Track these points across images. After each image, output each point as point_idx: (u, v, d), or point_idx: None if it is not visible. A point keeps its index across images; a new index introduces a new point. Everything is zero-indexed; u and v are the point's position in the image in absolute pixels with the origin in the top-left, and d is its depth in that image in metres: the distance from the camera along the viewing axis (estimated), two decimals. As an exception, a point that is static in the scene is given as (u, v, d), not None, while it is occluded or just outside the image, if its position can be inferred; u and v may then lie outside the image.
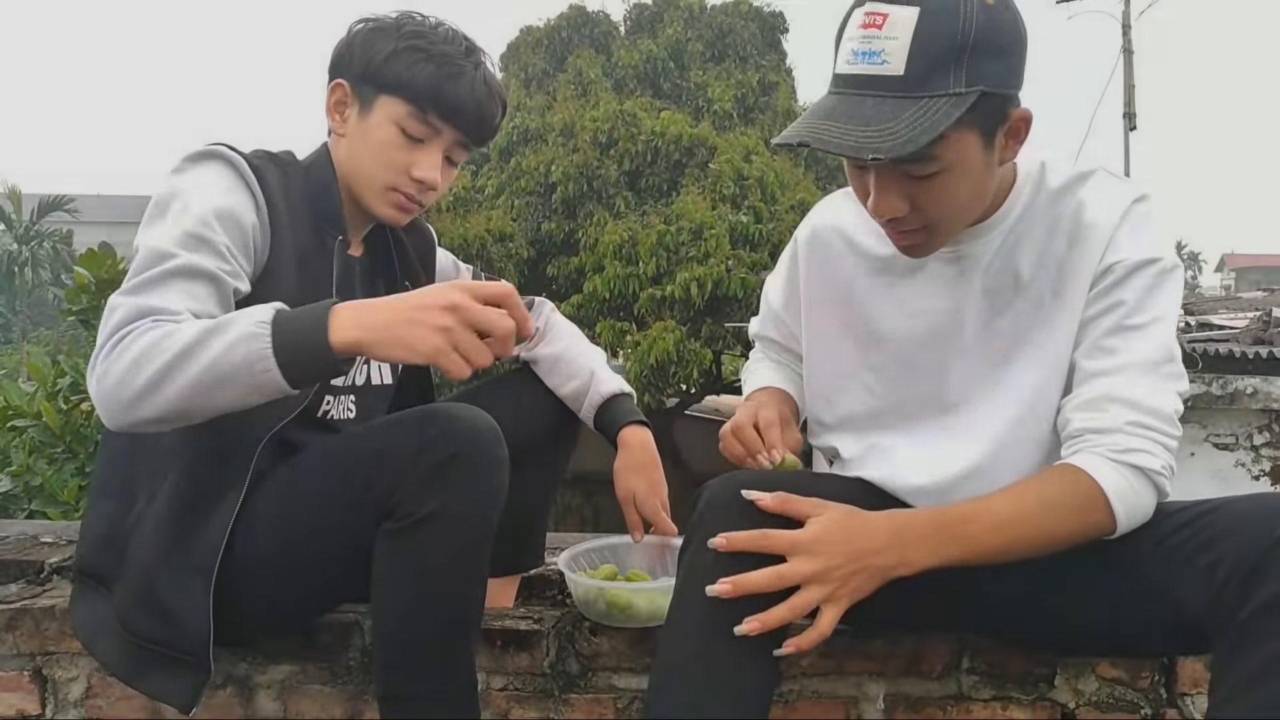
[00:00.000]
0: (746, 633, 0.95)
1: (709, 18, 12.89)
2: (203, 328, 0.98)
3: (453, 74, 1.23)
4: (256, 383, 0.97)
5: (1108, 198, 1.09)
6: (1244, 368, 5.63)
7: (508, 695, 1.36)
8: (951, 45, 0.94)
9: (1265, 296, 9.97)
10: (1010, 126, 1.02)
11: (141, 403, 0.98)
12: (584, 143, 11.04)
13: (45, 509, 2.51)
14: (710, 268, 9.65)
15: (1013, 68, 0.99)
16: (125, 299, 1.03)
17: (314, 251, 1.24)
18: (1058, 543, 1.02)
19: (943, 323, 1.16)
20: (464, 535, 1.08)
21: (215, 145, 1.18)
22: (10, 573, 1.55)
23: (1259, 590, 0.89)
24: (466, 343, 0.97)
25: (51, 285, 26.42)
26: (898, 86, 0.95)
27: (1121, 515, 1.01)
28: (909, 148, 0.92)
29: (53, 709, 1.40)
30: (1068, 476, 1.02)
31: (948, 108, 0.94)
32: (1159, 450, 1.02)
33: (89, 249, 2.74)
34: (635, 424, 1.46)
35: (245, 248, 1.14)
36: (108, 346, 1.00)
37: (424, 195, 1.27)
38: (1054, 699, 1.30)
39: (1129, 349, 1.05)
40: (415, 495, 1.06)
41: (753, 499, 1.01)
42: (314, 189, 1.26)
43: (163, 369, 0.97)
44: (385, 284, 1.38)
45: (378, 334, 0.97)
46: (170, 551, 1.13)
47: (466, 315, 0.97)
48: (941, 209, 1.03)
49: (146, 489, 1.17)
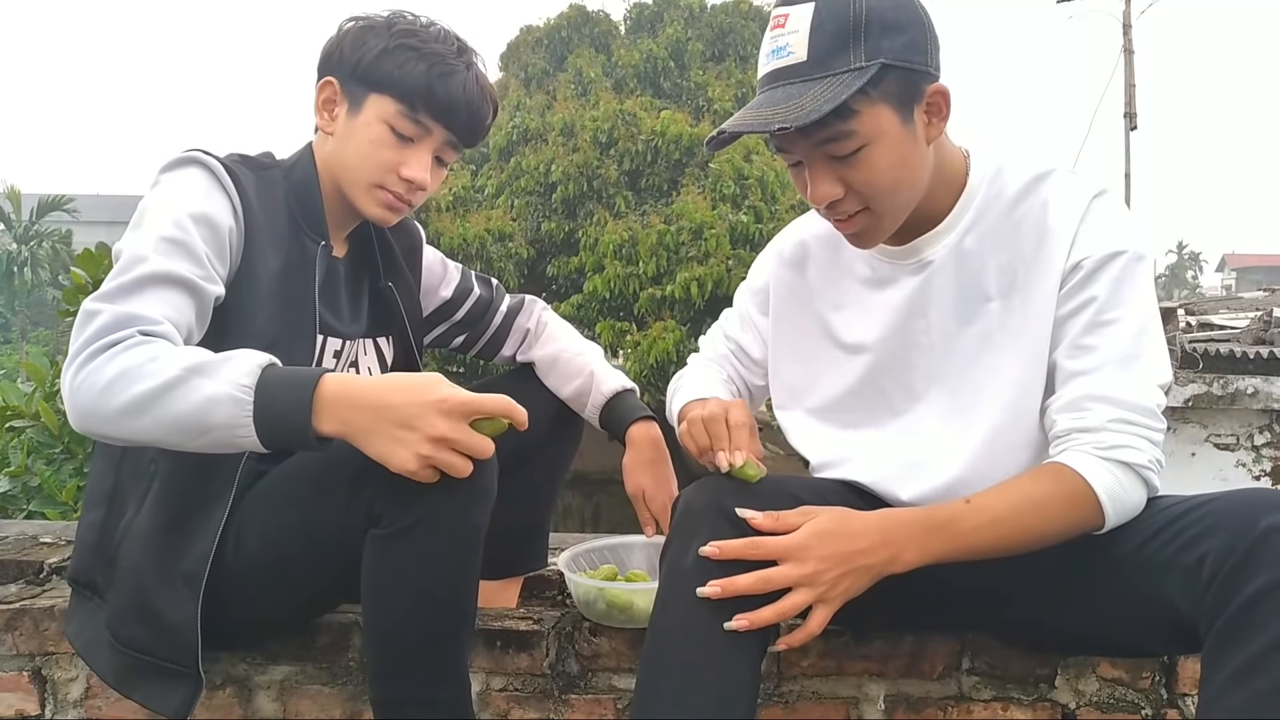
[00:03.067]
0: (735, 629, 0.97)
1: (709, 17, 12.90)
2: (186, 365, 0.96)
3: (444, 73, 1.21)
4: (232, 443, 0.98)
5: (1068, 195, 1.10)
6: (1245, 368, 5.64)
7: (508, 696, 1.35)
8: (845, 26, 1.01)
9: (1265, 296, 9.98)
10: (928, 103, 1.06)
11: (119, 421, 0.97)
12: (584, 142, 11.05)
13: (44, 509, 2.50)
14: (710, 267, 9.67)
15: (915, 43, 1.03)
16: (105, 304, 1.01)
17: (295, 256, 1.22)
18: (1047, 539, 1.03)
19: (914, 332, 1.17)
20: (452, 540, 1.07)
21: (191, 151, 1.16)
22: (10, 573, 1.55)
23: (1243, 586, 0.89)
24: (446, 462, 0.98)
25: (51, 285, 26.41)
26: (803, 71, 1.03)
27: (1110, 511, 1.02)
28: (813, 116, 0.98)
29: (52, 709, 1.40)
30: (1056, 474, 1.04)
31: (848, 79, 1.00)
32: (1144, 445, 1.03)
33: (86, 249, 2.73)
34: (642, 420, 1.45)
35: (221, 252, 1.12)
36: (89, 352, 0.98)
37: (413, 195, 1.25)
38: (1054, 699, 1.29)
39: (1106, 345, 1.06)
40: (402, 501, 1.04)
41: (745, 517, 1.02)
42: (296, 191, 1.24)
43: (143, 398, 0.96)
44: (369, 283, 1.36)
45: (361, 437, 0.98)
46: (159, 563, 1.13)
47: (452, 443, 0.97)
48: (872, 185, 1.06)
49: (134, 499, 1.16)
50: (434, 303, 1.50)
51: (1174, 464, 5.83)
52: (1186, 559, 0.96)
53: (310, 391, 0.97)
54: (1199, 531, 0.97)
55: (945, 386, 1.16)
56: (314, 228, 1.25)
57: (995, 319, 1.13)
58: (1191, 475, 5.86)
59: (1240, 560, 0.90)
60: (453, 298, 1.51)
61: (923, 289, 1.16)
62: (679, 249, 9.96)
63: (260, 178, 1.22)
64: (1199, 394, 5.72)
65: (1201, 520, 0.97)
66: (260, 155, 1.28)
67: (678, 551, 1.04)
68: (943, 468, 1.14)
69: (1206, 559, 0.93)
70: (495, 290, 1.56)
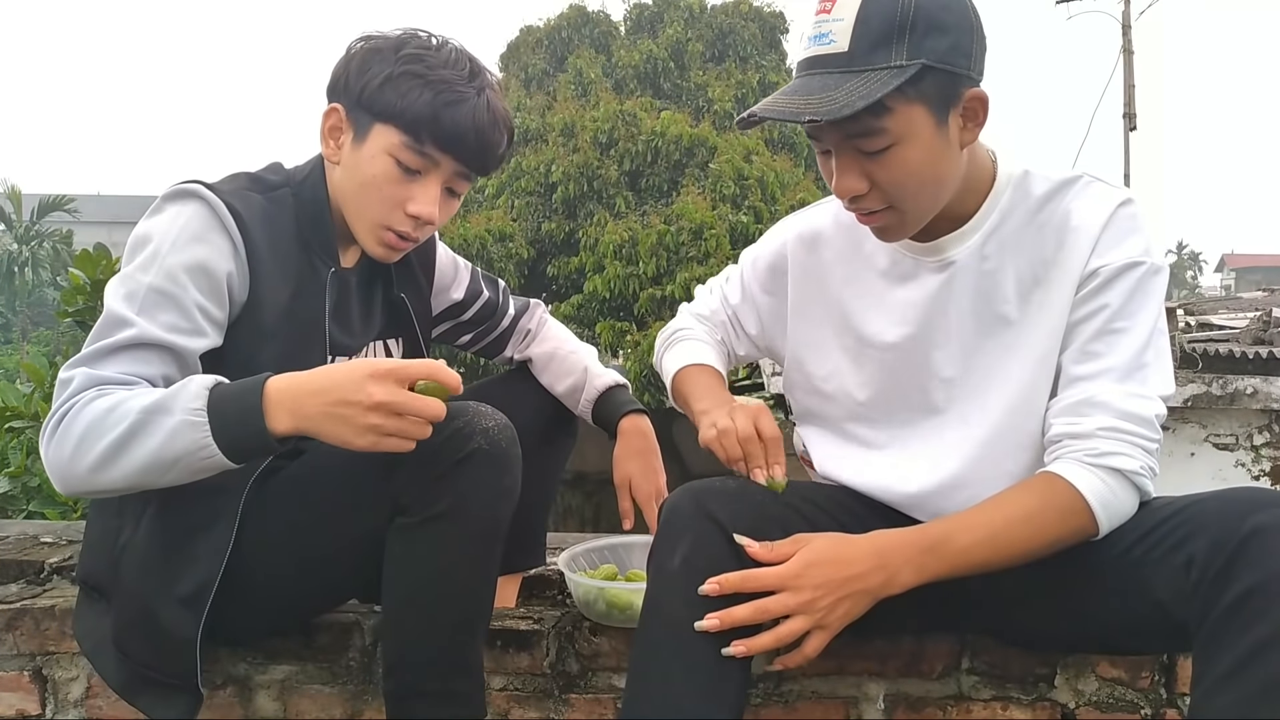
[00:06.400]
0: (733, 654, 0.99)
1: (709, 18, 12.90)
2: (143, 407, 0.98)
3: (451, 101, 1.14)
4: (203, 466, 1.00)
5: (1093, 202, 1.10)
6: (1244, 368, 5.64)
7: (508, 695, 1.35)
8: (891, 22, 0.99)
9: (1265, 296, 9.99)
10: (965, 107, 1.04)
11: (93, 477, 1.00)
12: (584, 143, 11.05)
13: (43, 509, 2.51)
14: (710, 268, 9.65)
15: (959, 46, 1.02)
16: (79, 370, 1.03)
17: (306, 280, 1.19)
18: (1041, 550, 1.04)
19: (931, 329, 1.17)
20: (477, 532, 1.08)
21: (192, 185, 1.13)
22: (10, 573, 1.55)
23: (1231, 586, 0.90)
24: (398, 428, 0.98)
25: (51, 286, 26.39)
26: (843, 62, 1.00)
27: (1103, 518, 1.02)
28: (845, 111, 0.97)
29: (53, 709, 1.40)
30: (1048, 485, 1.04)
31: (887, 77, 0.98)
32: (1137, 453, 1.03)
33: (84, 250, 2.73)
34: (633, 413, 1.46)
35: (219, 298, 1.11)
36: (57, 417, 1.01)
37: (420, 231, 1.20)
38: (1054, 699, 1.30)
39: (1111, 353, 1.06)
40: (430, 491, 1.05)
41: (743, 544, 1.03)
42: (306, 211, 1.21)
43: (109, 449, 0.98)
44: (382, 291, 1.34)
45: (314, 425, 0.98)
46: (158, 583, 1.12)
47: (392, 408, 0.97)
48: (899, 184, 1.05)
49: (133, 516, 1.16)
50: (444, 303, 1.49)
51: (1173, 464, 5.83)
52: (1175, 560, 0.97)
53: (258, 397, 0.98)
54: (1187, 533, 0.97)
55: (963, 389, 1.16)
56: (324, 248, 1.22)
57: (1014, 321, 1.12)
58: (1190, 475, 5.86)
59: (1227, 561, 0.91)
60: (463, 300, 1.50)
61: (944, 288, 1.15)
62: (679, 249, 9.95)
63: (267, 200, 1.18)
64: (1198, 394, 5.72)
65: (1189, 521, 0.98)
66: (267, 169, 1.25)
67: (664, 556, 1.06)
68: (943, 463, 1.15)
69: (1194, 560, 0.94)
70: (502, 293, 1.56)
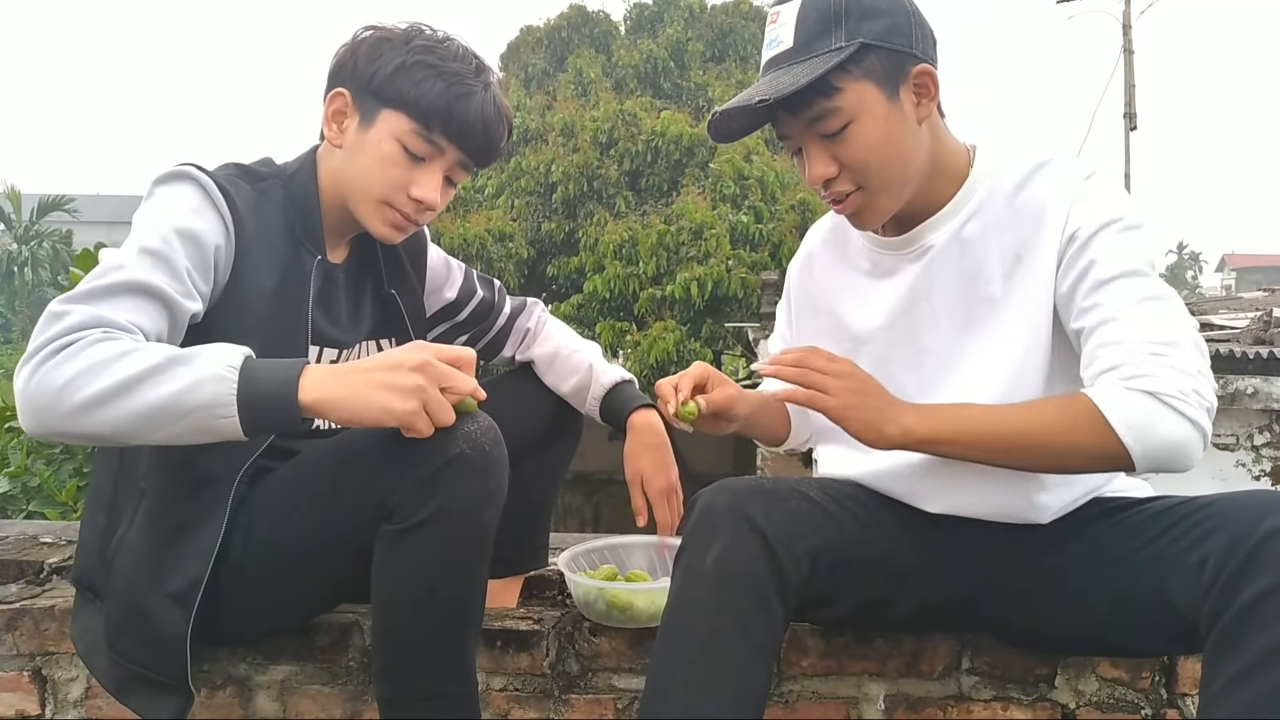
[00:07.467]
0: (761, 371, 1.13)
1: (709, 17, 12.89)
2: (166, 355, 0.96)
3: (462, 94, 1.19)
4: (211, 425, 0.96)
5: (1063, 179, 1.12)
6: (1244, 368, 5.62)
7: (508, 695, 1.35)
8: (827, 13, 1.09)
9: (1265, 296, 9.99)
10: (915, 83, 1.11)
11: (80, 415, 0.94)
12: (584, 143, 11.04)
13: (44, 509, 2.51)
14: (710, 268, 9.65)
15: (896, 26, 1.09)
16: (75, 305, 0.99)
17: (292, 268, 1.20)
18: (1057, 455, 1.01)
19: (916, 314, 1.18)
20: (464, 537, 1.07)
21: (184, 166, 1.14)
22: (10, 573, 1.55)
23: (1245, 587, 0.89)
24: (435, 401, 1.00)
25: (51, 285, 26.32)
26: (790, 57, 1.10)
27: (1129, 439, 0.97)
28: (791, 88, 1.05)
29: (52, 709, 1.40)
30: (1071, 398, 1.02)
31: (828, 58, 1.07)
32: (1169, 373, 0.97)
33: (84, 249, 2.72)
34: (643, 407, 1.46)
35: (205, 269, 1.10)
36: (52, 348, 0.96)
37: (420, 215, 1.23)
38: (1054, 699, 1.30)
39: (1111, 299, 1.04)
40: (415, 497, 1.05)
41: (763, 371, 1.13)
42: (294, 202, 1.22)
43: (117, 387, 0.94)
44: (372, 289, 1.35)
45: (350, 395, 0.98)
46: (149, 580, 1.12)
47: (434, 373, 0.99)
48: (863, 161, 1.10)
49: (128, 513, 1.16)
50: (437, 303, 1.49)
51: (1174, 464, 5.80)
52: (1188, 560, 0.96)
53: (298, 370, 0.98)
54: (1201, 533, 0.97)
55: (955, 370, 1.16)
56: (311, 240, 1.23)
57: (999, 300, 1.13)
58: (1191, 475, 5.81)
59: (1242, 562, 0.90)
60: (456, 299, 1.50)
61: (924, 275, 1.18)
62: (679, 249, 9.94)
63: (257, 190, 1.20)
64: (1199, 394, 5.70)
65: (1204, 521, 0.97)
66: (258, 163, 1.26)
67: (694, 554, 1.04)
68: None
69: (1208, 560, 0.93)
70: (498, 293, 1.56)
